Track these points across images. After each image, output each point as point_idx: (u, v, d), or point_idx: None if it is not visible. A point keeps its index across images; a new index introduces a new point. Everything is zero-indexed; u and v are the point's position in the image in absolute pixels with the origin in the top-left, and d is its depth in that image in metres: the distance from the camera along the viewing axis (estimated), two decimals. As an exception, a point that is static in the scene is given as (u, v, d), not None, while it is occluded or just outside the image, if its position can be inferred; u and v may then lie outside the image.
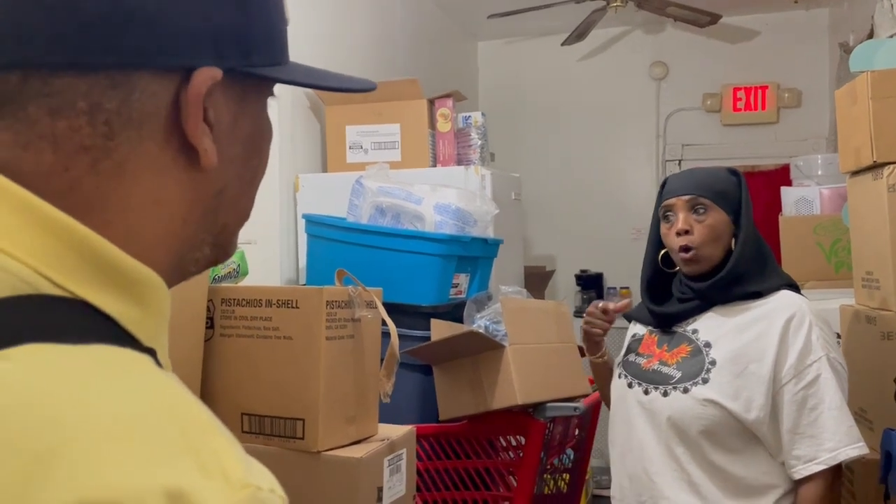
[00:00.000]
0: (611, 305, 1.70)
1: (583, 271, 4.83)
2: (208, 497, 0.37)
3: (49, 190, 0.44)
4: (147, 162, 0.47)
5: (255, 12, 0.50)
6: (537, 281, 4.19)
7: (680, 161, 4.81)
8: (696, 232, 1.53)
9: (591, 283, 4.80)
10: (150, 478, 0.36)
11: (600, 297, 4.81)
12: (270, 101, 0.56)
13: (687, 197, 1.54)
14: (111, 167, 0.45)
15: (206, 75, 0.47)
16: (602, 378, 1.76)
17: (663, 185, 1.64)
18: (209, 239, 0.53)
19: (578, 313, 4.74)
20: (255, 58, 0.50)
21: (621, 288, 4.71)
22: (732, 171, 1.61)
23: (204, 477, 0.37)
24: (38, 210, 0.43)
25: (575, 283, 4.84)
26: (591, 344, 1.76)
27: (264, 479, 0.41)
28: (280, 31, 0.53)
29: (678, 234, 1.54)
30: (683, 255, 1.54)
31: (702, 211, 1.53)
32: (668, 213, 1.58)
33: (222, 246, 0.55)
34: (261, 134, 0.54)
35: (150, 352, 0.45)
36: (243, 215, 0.56)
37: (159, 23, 0.45)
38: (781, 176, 3.94)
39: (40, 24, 0.43)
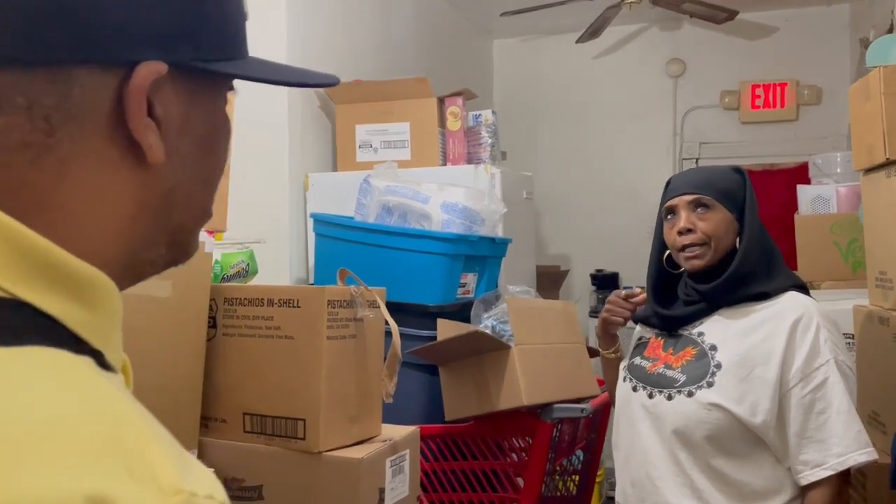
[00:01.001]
0: (635, 291, 1.69)
1: (598, 271, 4.79)
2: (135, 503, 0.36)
3: None
4: (91, 159, 0.46)
5: (205, 5, 0.49)
6: (551, 281, 4.16)
7: (697, 159, 4.76)
8: (698, 230, 1.50)
9: (606, 283, 4.76)
10: (71, 484, 0.34)
11: (616, 296, 4.77)
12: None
13: (689, 196, 1.52)
14: (53, 164, 0.44)
15: (149, 70, 0.45)
16: (613, 375, 1.74)
17: (668, 185, 1.62)
18: (163, 238, 0.51)
19: (594, 313, 4.70)
20: (206, 52, 0.49)
21: (638, 287, 4.66)
22: (737, 170, 1.58)
23: (132, 483, 0.36)
24: None
25: (590, 283, 4.81)
26: (607, 337, 1.74)
27: (202, 485, 0.40)
28: (234, 25, 0.52)
29: (679, 233, 1.51)
30: (685, 254, 1.52)
31: (704, 210, 1.51)
32: (671, 213, 1.55)
33: (180, 245, 0.53)
34: (215, 130, 0.53)
35: (96, 354, 0.44)
36: (201, 214, 0.54)
37: (98, 16, 0.44)
38: (800, 174, 3.88)
39: None
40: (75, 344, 0.43)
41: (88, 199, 0.46)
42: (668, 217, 1.56)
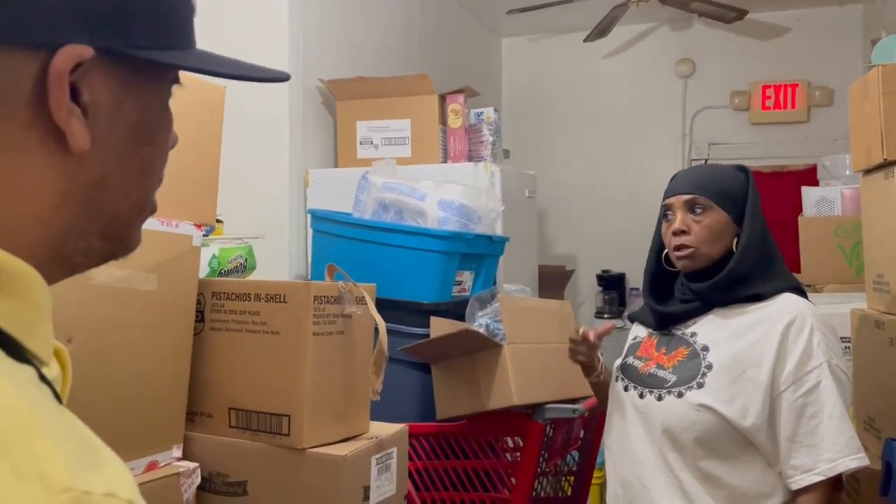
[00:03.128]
0: (591, 333, 1.64)
1: (605, 271, 4.77)
2: (13, 502, 0.35)
3: None
4: (9, 143, 0.44)
5: None
6: (555, 280, 4.14)
7: (706, 160, 4.72)
8: (693, 232, 1.49)
9: (613, 284, 4.74)
10: None
11: (622, 298, 4.75)
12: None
13: (686, 196, 1.50)
14: None
15: (71, 53, 0.44)
16: (602, 396, 1.71)
17: (671, 181, 1.60)
18: (95, 230, 0.49)
19: (600, 314, 4.69)
20: (139, 39, 0.47)
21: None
22: (741, 169, 1.56)
23: (11, 479, 0.35)
24: None
25: (597, 284, 4.78)
26: (583, 368, 1.70)
27: (102, 482, 0.39)
28: (175, 14, 0.50)
29: (674, 233, 1.50)
30: (677, 253, 1.50)
31: (700, 211, 1.49)
32: (668, 213, 1.54)
33: (117, 237, 0.52)
34: (151, 121, 0.51)
35: (9, 343, 0.43)
36: (138, 206, 0.52)
37: None
38: (811, 176, 3.84)
39: None
40: None
41: (5, 186, 0.45)
42: (666, 215, 1.55)
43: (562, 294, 4.27)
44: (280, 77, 0.57)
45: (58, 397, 0.46)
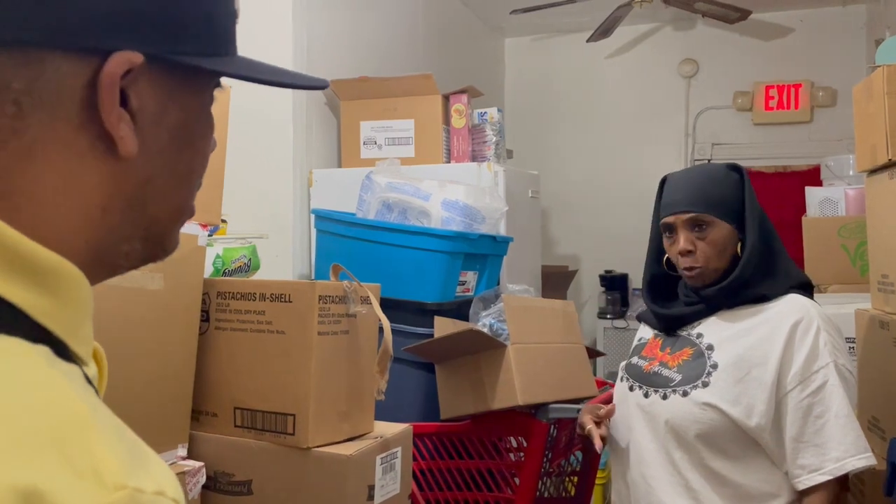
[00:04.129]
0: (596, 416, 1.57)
1: (607, 272, 4.76)
2: (69, 498, 0.35)
3: None
4: (60, 146, 0.45)
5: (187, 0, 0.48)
6: (558, 281, 4.14)
7: (709, 160, 4.71)
8: (699, 250, 1.48)
9: (616, 284, 4.73)
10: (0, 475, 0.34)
11: (625, 298, 4.74)
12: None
13: (686, 216, 1.48)
14: (20, 149, 0.44)
15: (122, 59, 0.45)
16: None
17: (662, 186, 1.58)
18: (138, 232, 0.50)
19: (602, 314, 4.69)
20: (185, 46, 0.48)
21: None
22: (734, 168, 1.53)
23: (70, 476, 0.36)
24: None
25: (599, 284, 4.78)
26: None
27: (151, 481, 0.39)
28: (219, 21, 0.51)
29: (681, 253, 1.49)
30: (687, 273, 1.50)
31: (703, 227, 1.48)
32: (669, 230, 1.53)
33: (156, 241, 0.52)
34: (194, 126, 0.52)
35: (57, 343, 0.43)
36: (179, 209, 0.53)
37: (74, 1, 0.43)
38: (814, 177, 3.84)
39: None
40: (33, 332, 0.42)
41: (56, 187, 0.45)
42: (667, 233, 1.53)
43: (564, 294, 4.27)
44: (320, 84, 0.57)
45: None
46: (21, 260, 0.43)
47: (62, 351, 0.44)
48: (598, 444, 1.49)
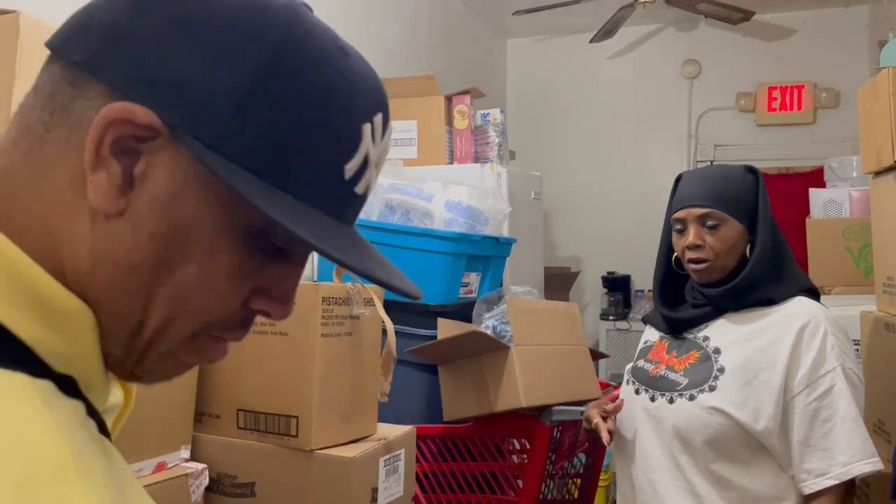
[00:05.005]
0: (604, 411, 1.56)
1: (610, 273, 4.76)
2: None
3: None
4: (66, 175, 0.44)
5: (244, 97, 0.43)
6: (560, 282, 4.14)
7: (712, 162, 4.71)
8: (707, 245, 1.47)
9: (618, 286, 4.73)
10: None
11: (627, 299, 4.73)
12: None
13: (698, 211, 1.48)
14: (39, 164, 0.44)
15: (124, 107, 0.42)
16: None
17: (677, 182, 1.58)
18: (125, 330, 0.45)
19: (605, 316, 4.68)
20: (224, 145, 0.43)
21: (649, 290, 4.63)
22: (750, 170, 1.53)
23: None
24: None
25: (602, 286, 4.77)
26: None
27: None
28: (285, 149, 0.45)
29: (689, 247, 1.48)
30: (694, 266, 1.49)
31: (714, 224, 1.47)
32: (679, 224, 1.52)
33: (139, 356, 0.47)
34: (203, 235, 0.45)
35: (61, 377, 0.42)
36: (172, 324, 0.46)
37: (126, 45, 0.43)
38: (817, 178, 3.83)
39: (69, 21, 0.46)
40: (37, 367, 0.41)
41: (58, 219, 0.44)
42: (678, 227, 1.52)
43: (567, 296, 4.26)
44: (417, 293, 0.51)
45: (106, 430, 0.46)
46: (34, 295, 0.42)
47: (68, 384, 0.43)
48: (605, 437, 1.48)
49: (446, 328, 1.89)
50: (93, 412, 0.45)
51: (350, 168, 0.47)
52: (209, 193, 0.44)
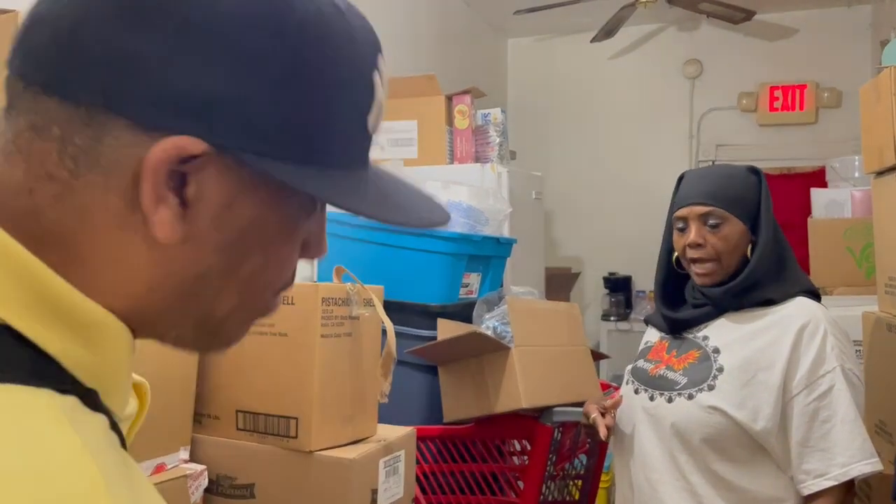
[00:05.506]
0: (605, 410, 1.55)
1: (611, 274, 4.75)
2: None
3: (13, 209, 0.42)
4: (112, 216, 0.43)
5: (277, 97, 0.43)
6: (561, 283, 4.13)
7: (714, 162, 4.70)
8: (709, 244, 1.46)
9: (619, 286, 4.73)
10: None
11: (629, 300, 4.73)
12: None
13: (700, 209, 1.47)
14: (75, 208, 0.42)
15: (175, 144, 0.41)
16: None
17: (679, 181, 1.57)
18: (188, 321, 0.47)
19: (606, 317, 4.68)
20: (267, 147, 0.43)
21: (650, 291, 4.62)
22: (753, 170, 1.52)
23: None
24: None
25: (603, 286, 4.77)
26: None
27: None
28: (319, 129, 0.46)
29: (690, 246, 1.48)
30: (694, 267, 1.49)
31: (715, 223, 1.46)
32: (681, 223, 1.51)
33: (212, 333, 0.49)
34: (266, 231, 0.47)
35: (86, 392, 0.42)
36: (243, 310, 0.49)
37: (144, 74, 0.41)
38: (819, 178, 3.82)
39: (41, 45, 0.42)
40: (63, 383, 0.41)
41: (105, 255, 0.43)
42: (679, 226, 1.52)
43: (568, 296, 4.26)
44: (438, 220, 0.53)
45: (124, 441, 0.46)
46: (61, 309, 0.42)
47: (91, 399, 0.43)
48: (602, 432, 1.48)
49: (446, 329, 1.89)
50: (114, 425, 0.45)
51: (371, 119, 0.50)
52: (260, 193, 0.45)
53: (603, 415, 1.51)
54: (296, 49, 0.44)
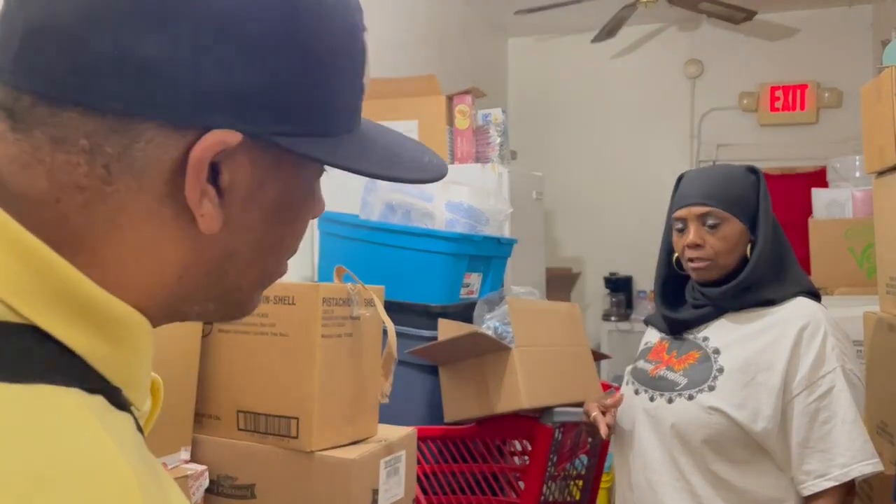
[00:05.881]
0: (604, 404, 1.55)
1: (612, 274, 4.75)
2: None
3: (37, 217, 0.42)
4: (144, 214, 0.44)
5: (297, 77, 0.45)
6: (562, 283, 4.13)
7: (714, 162, 4.70)
8: (707, 245, 1.46)
9: (620, 287, 4.72)
10: None
11: (629, 300, 4.73)
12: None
13: (699, 210, 1.47)
14: (105, 212, 0.43)
15: (215, 139, 0.43)
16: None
17: (679, 181, 1.57)
18: (213, 295, 0.49)
19: (607, 317, 4.68)
20: (287, 127, 0.45)
21: (651, 291, 4.62)
22: (752, 170, 1.52)
23: None
24: (9, 234, 0.41)
25: (604, 286, 4.77)
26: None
27: None
28: (335, 101, 0.48)
29: (689, 246, 1.48)
30: (693, 265, 1.49)
31: (714, 223, 1.46)
32: (680, 224, 1.51)
33: (234, 304, 0.51)
34: (290, 202, 0.49)
35: (113, 390, 0.43)
36: (264, 277, 0.51)
37: (172, 73, 0.42)
38: (820, 178, 3.83)
39: (50, 57, 0.42)
40: (91, 381, 0.42)
41: (136, 253, 0.44)
42: (678, 226, 1.52)
43: (568, 297, 4.26)
44: (434, 175, 0.55)
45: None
46: (87, 307, 0.42)
47: (116, 397, 0.43)
48: (603, 430, 1.48)
49: (447, 329, 1.89)
50: (138, 425, 0.45)
51: (365, 80, 0.52)
52: (283, 169, 0.47)
53: (604, 413, 1.51)
54: (308, 29, 0.45)
